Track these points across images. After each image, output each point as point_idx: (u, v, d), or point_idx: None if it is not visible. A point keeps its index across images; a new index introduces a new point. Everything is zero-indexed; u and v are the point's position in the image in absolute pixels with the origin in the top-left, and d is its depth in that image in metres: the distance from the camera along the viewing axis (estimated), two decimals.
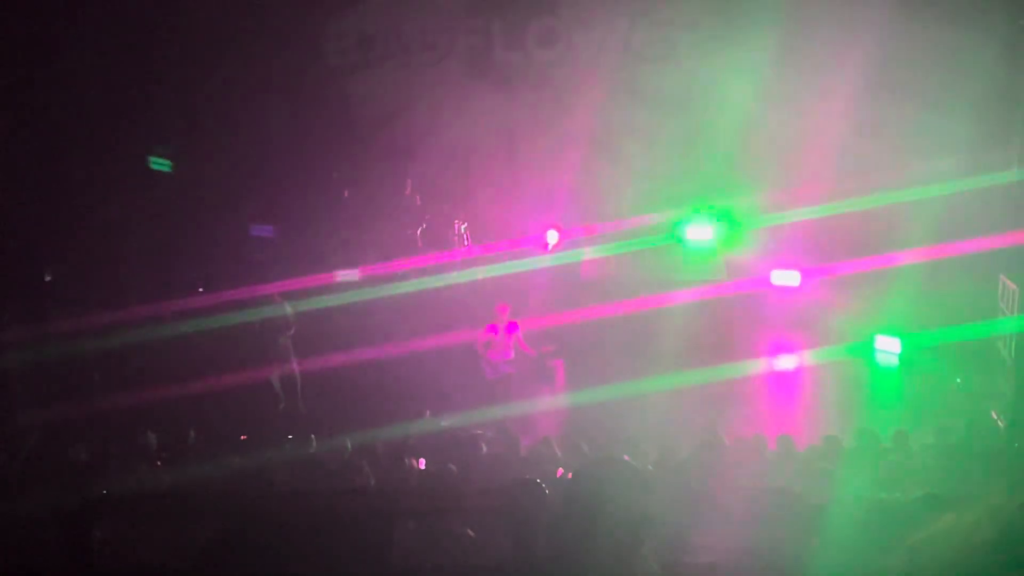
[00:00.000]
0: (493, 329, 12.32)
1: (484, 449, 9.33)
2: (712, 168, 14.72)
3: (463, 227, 15.85)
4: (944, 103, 13.36)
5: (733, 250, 15.12)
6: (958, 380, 12.65)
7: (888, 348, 13.45)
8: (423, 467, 8.69)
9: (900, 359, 13.38)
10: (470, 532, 6.32)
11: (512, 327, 12.33)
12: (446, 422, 11.23)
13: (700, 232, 15.23)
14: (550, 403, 13.10)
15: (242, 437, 10.36)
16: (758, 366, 13.36)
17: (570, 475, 5.84)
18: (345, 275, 14.87)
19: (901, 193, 13.22)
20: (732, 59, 14.77)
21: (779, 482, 7.45)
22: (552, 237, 15.78)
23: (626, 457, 5.27)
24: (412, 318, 13.84)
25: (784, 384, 13.42)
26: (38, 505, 6.46)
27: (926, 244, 12.96)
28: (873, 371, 13.23)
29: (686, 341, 13.00)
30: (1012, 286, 12.75)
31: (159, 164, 15.42)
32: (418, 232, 15.74)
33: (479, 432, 10.23)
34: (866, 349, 13.45)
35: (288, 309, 12.93)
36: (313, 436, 9.59)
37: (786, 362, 13.75)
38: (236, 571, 4.40)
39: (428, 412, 11.61)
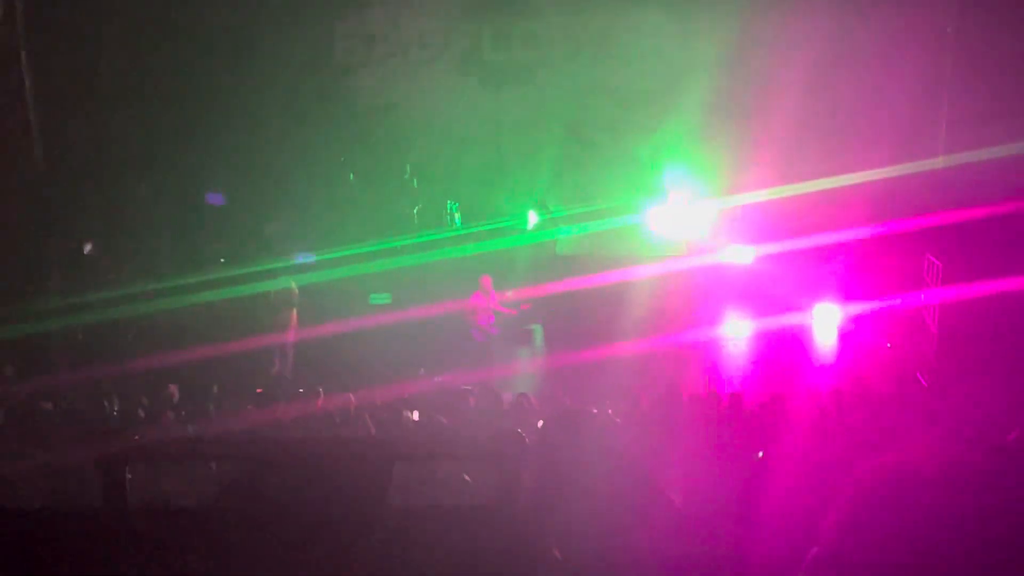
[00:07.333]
0: (479, 298, 13.34)
1: (472, 403, 9.72)
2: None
3: (454, 207, 16.45)
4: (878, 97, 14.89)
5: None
6: (888, 344, 13.90)
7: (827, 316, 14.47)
8: (417, 419, 9.08)
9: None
10: (466, 477, 6.75)
11: (494, 296, 13.38)
12: (438, 378, 11.60)
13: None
14: (530, 363, 13.79)
15: (258, 391, 10.63)
16: (715, 333, 14.19)
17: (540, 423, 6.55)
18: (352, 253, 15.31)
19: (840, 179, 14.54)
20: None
21: (727, 436, 8.15)
22: (532, 217, 16.44)
23: (594, 410, 5.77)
24: (413, 289, 14.62)
25: (740, 348, 14.18)
26: (82, 453, 6.58)
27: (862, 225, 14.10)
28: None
29: (652, 310, 13.78)
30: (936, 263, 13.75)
31: None
32: (415, 211, 16.36)
33: (468, 388, 10.32)
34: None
35: (292, 284, 13.60)
36: (321, 390, 9.79)
37: (740, 329, 14.55)
38: (253, 509, 4.62)
39: (422, 370, 12.05)
